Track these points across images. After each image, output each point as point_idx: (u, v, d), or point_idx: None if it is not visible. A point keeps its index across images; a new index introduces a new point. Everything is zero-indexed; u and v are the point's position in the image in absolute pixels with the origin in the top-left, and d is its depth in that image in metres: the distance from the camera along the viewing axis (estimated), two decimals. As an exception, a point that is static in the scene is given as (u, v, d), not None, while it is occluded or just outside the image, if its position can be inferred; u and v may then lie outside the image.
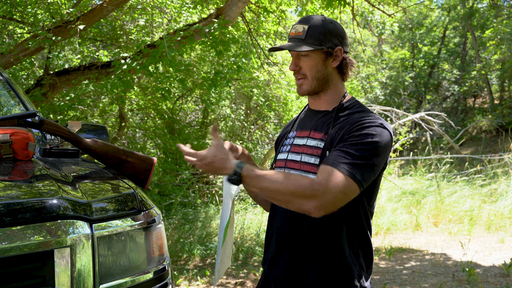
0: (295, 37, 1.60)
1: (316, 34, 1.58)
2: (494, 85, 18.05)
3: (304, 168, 1.57)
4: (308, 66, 1.60)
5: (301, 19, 1.64)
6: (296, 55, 1.62)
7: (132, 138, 8.75)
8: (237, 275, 4.81)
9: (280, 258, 1.60)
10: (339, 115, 1.59)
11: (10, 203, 1.32)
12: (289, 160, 1.63)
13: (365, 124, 1.48)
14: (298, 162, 1.59)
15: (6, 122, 1.79)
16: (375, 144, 1.45)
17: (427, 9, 18.27)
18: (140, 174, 1.94)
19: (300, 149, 1.61)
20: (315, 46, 1.57)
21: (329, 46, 1.59)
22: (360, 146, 1.44)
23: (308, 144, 1.59)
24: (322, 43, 1.58)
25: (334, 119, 1.57)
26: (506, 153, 9.53)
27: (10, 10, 5.82)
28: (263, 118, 9.84)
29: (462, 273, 4.74)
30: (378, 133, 1.46)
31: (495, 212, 7.01)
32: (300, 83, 1.63)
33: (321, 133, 1.58)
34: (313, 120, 1.65)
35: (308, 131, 1.63)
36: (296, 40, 1.60)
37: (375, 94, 17.53)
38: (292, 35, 1.62)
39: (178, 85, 7.67)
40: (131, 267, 1.48)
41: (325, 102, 1.64)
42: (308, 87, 1.62)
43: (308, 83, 1.62)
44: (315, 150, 1.56)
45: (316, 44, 1.57)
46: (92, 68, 5.52)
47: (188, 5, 6.49)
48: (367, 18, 10.35)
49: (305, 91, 1.63)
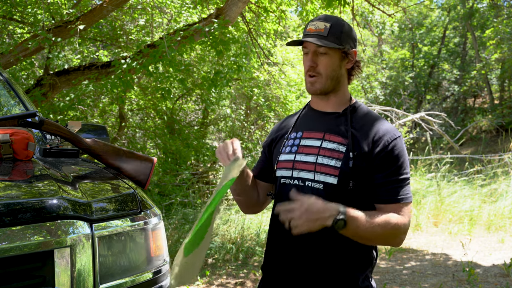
0: (316, 33, 1.58)
1: (337, 33, 1.57)
2: (494, 85, 18.04)
3: (321, 170, 1.55)
4: (325, 65, 1.59)
5: (321, 16, 1.62)
6: (314, 52, 1.59)
7: (132, 138, 8.75)
8: (237, 275, 4.81)
9: (288, 261, 1.59)
10: (352, 116, 1.61)
11: (10, 203, 1.32)
12: (298, 161, 1.60)
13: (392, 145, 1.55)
14: (313, 163, 1.57)
15: (6, 122, 1.79)
16: (404, 158, 1.57)
17: (427, 9, 18.27)
18: (140, 174, 1.94)
19: (312, 150, 1.59)
20: (336, 45, 1.57)
21: (348, 47, 1.60)
22: (400, 170, 1.55)
23: (326, 146, 1.57)
24: (342, 43, 1.58)
25: (350, 121, 1.59)
26: (506, 153, 9.53)
27: (10, 10, 5.81)
28: (263, 118, 9.83)
29: (462, 273, 4.74)
30: (402, 148, 1.57)
31: (495, 212, 7.01)
32: (314, 80, 1.61)
33: (339, 136, 1.58)
34: (322, 122, 1.63)
35: (321, 133, 1.61)
36: (318, 36, 1.57)
37: (375, 94, 17.52)
38: (312, 31, 1.59)
39: (178, 85, 7.67)
40: (131, 267, 1.48)
41: (334, 103, 1.64)
42: (322, 85, 1.61)
43: (321, 82, 1.60)
44: (335, 153, 1.55)
45: (337, 43, 1.57)
46: (92, 68, 5.52)
47: (188, 5, 6.49)
48: (367, 18, 10.34)
49: (318, 89, 1.61)
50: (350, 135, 1.56)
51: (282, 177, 1.64)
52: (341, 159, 1.54)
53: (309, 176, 1.57)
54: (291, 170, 1.62)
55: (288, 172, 1.62)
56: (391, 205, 1.52)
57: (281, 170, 1.65)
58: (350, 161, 1.53)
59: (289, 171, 1.62)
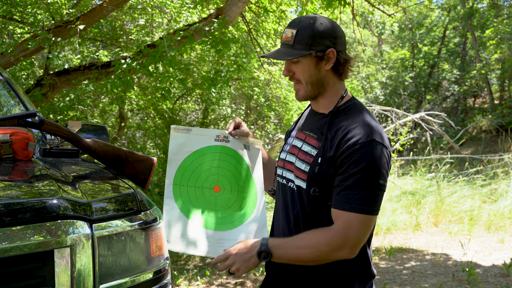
0: (285, 42, 1.55)
1: (304, 39, 1.51)
2: (494, 85, 18.04)
3: (297, 174, 1.56)
4: (301, 71, 1.55)
5: (291, 22, 1.57)
6: (288, 61, 1.57)
7: (132, 138, 8.75)
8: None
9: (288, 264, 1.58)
10: (334, 119, 1.54)
11: (10, 203, 1.32)
12: (286, 161, 1.64)
13: (357, 147, 1.42)
14: (293, 164, 1.59)
15: (6, 122, 1.78)
16: (372, 165, 1.41)
17: (427, 9, 18.27)
18: (140, 174, 1.94)
19: (296, 151, 1.60)
20: (303, 52, 1.50)
21: (319, 49, 1.51)
22: (360, 174, 1.41)
23: (303, 149, 1.57)
24: (311, 47, 1.51)
25: (328, 124, 1.53)
26: (506, 153, 9.53)
27: (10, 10, 5.81)
28: (263, 118, 9.83)
29: (462, 273, 4.74)
30: (370, 153, 1.41)
31: (495, 212, 7.01)
32: (297, 88, 1.59)
33: (315, 139, 1.55)
34: (310, 123, 1.63)
35: (305, 134, 1.61)
36: (286, 46, 1.55)
37: (375, 94, 17.53)
38: (283, 39, 1.57)
39: (178, 85, 7.67)
40: (131, 267, 1.48)
41: (323, 105, 1.60)
42: (304, 92, 1.58)
43: (303, 89, 1.57)
44: (307, 156, 1.54)
45: (305, 49, 1.51)
46: (92, 68, 5.52)
47: (188, 5, 6.49)
48: (367, 18, 10.35)
49: (302, 96, 1.59)
50: (324, 139, 1.51)
51: (277, 174, 1.71)
52: (310, 163, 1.52)
53: (291, 177, 1.60)
54: (282, 169, 1.66)
55: (280, 171, 1.68)
56: (340, 212, 1.43)
57: (278, 169, 1.70)
58: (316, 166, 1.49)
59: (280, 169, 1.68)
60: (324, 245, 1.44)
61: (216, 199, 1.72)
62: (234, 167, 1.73)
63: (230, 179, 1.73)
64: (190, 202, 1.72)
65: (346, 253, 1.44)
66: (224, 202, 1.73)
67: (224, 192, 1.73)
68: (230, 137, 1.75)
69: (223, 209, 1.72)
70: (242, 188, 1.74)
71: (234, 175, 1.73)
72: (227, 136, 1.75)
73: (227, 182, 1.73)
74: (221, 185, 1.72)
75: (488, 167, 9.32)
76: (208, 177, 1.73)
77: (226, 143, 1.74)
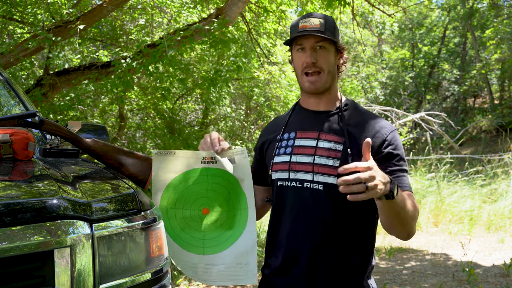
0: (314, 28, 1.54)
1: (331, 29, 1.58)
2: (494, 85, 18.05)
3: (319, 170, 1.53)
4: (325, 59, 1.57)
5: (311, 14, 1.60)
6: (312, 47, 1.56)
7: (132, 138, 8.75)
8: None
9: (294, 265, 1.56)
10: (344, 115, 1.59)
11: (10, 203, 1.32)
12: (294, 162, 1.58)
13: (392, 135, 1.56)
14: (310, 164, 1.54)
15: (6, 122, 1.78)
16: (402, 151, 1.58)
17: (427, 9, 18.26)
18: (140, 174, 1.94)
19: (308, 151, 1.56)
20: (334, 38, 1.57)
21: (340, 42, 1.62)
22: (401, 161, 1.55)
23: (322, 146, 1.55)
24: (336, 37, 1.58)
25: (342, 120, 1.58)
26: (506, 153, 9.53)
27: (10, 10, 5.81)
28: (263, 118, 9.84)
29: (462, 273, 4.74)
30: (400, 140, 1.59)
31: (495, 212, 7.01)
32: (314, 79, 1.58)
33: (335, 135, 1.56)
34: (315, 121, 1.61)
35: (316, 132, 1.58)
36: (315, 31, 1.54)
37: (375, 94, 17.52)
38: (307, 27, 1.55)
39: (178, 85, 7.67)
40: (131, 267, 1.48)
41: (326, 102, 1.62)
42: (323, 84, 1.59)
43: (323, 78, 1.58)
44: (332, 152, 1.54)
45: (333, 37, 1.57)
46: (92, 68, 5.53)
47: (188, 5, 6.49)
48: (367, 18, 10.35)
49: (320, 87, 1.59)
50: (346, 132, 1.54)
51: (279, 179, 1.61)
52: (339, 158, 1.52)
53: (307, 177, 1.54)
54: (287, 172, 1.59)
55: (285, 174, 1.59)
56: (408, 193, 1.51)
57: (276, 173, 1.62)
58: (348, 158, 1.51)
59: (285, 173, 1.59)
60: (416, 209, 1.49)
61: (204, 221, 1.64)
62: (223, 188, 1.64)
63: (218, 200, 1.64)
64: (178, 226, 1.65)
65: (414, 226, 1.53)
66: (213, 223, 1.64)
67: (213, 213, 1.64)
68: (217, 156, 1.64)
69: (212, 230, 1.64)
70: (232, 206, 1.65)
71: (223, 195, 1.64)
72: (214, 157, 1.65)
73: (215, 203, 1.64)
74: (209, 207, 1.64)
75: (488, 167, 9.33)
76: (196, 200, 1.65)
77: (214, 164, 1.64)
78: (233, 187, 1.64)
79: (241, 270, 1.62)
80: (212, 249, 1.64)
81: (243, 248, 1.63)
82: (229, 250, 1.63)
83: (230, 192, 1.64)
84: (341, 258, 1.53)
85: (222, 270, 1.63)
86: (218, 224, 1.64)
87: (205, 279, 1.64)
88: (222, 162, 1.64)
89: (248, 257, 1.63)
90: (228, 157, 1.65)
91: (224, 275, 1.63)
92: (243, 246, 1.63)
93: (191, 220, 1.65)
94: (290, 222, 1.58)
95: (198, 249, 1.65)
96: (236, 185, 1.64)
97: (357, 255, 1.55)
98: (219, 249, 1.64)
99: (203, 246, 1.65)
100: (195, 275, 1.64)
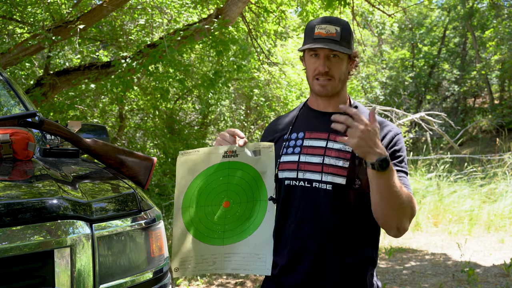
0: (329, 37, 1.57)
1: (347, 37, 1.60)
2: (494, 85, 18.05)
3: (328, 171, 1.55)
4: (338, 68, 1.60)
5: (327, 19, 1.61)
6: (326, 56, 1.58)
7: (132, 138, 8.75)
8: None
9: (299, 264, 1.57)
10: None
11: (10, 203, 1.32)
12: (303, 162, 1.59)
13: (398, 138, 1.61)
14: (319, 164, 1.56)
15: (6, 122, 1.78)
16: (405, 154, 1.63)
17: (427, 9, 18.27)
18: (140, 174, 1.94)
19: (317, 151, 1.58)
20: (348, 50, 1.59)
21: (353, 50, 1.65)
22: (403, 163, 1.59)
23: (332, 146, 1.57)
24: (350, 46, 1.61)
25: None
26: (506, 153, 9.53)
27: (10, 10, 5.81)
28: (263, 118, 9.84)
29: (462, 273, 4.74)
30: (403, 143, 1.64)
31: (495, 212, 7.01)
32: (325, 84, 1.60)
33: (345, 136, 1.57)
34: (325, 122, 1.59)
35: (326, 133, 1.60)
36: (331, 41, 1.56)
37: (375, 94, 17.51)
38: (323, 35, 1.57)
39: (178, 85, 7.67)
40: (131, 267, 1.48)
41: (335, 103, 1.64)
42: (333, 88, 1.61)
43: (334, 85, 1.61)
44: (342, 153, 1.56)
45: (348, 47, 1.59)
46: (92, 68, 5.53)
47: (188, 5, 6.49)
48: (367, 18, 10.35)
49: (330, 92, 1.62)
50: None
51: (286, 178, 1.62)
52: (348, 159, 1.54)
53: (316, 177, 1.56)
54: (295, 171, 1.60)
55: (293, 174, 1.60)
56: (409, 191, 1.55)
57: (284, 172, 1.63)
58: (357, 159, 1.53)
59: (293, 172, 1.60)
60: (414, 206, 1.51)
61: (226, 214, 1.69)
62: (244, 180, 1.68)
63: (239, 192, 1.69)
64: (200, 223, 1.69)
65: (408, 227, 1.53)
66: (234, 214, 1.69)
67: (234, 205, 1.69)
68: (239, 149, 1.67)
69: (233, 221, 1.69)
70: (252, 197, 1.69)
71: (243, 188, 1.69)
72: (235, 150, 1.68)
73: (236, 196, 1.69)
74: (230, 199, 1.69)
75: (487, 167, 9.33)
76: (217, 195, 1.69)
77: (235, 157, 1.68)
78: (254, 179, 1.68)
79: (259, 261, 1.66)
80: (231, 239, 1.69)
81: (261, 238, 1.67)
82: (247, 239, 1.68)
83: (250, 184, 1.69)
84: (347, 258, 1.54)
85: (241, 259, 1.67)
86: (238, 215, 1.69)
87: (224, 268, 1.68)
88: (244, 154, 1.68)
89: (265, 248, 1.66)
90: (253, 149, 1.69)
91: (243, 263, 1.68)
92: (260, 236, 1.67)
93: (213, 215, 1.69)
94: (296, 221, 1.60)
95: (218, 240, 1.69)
96: (257, 177, 1.68)
97: (362, 254, 1.57)
98: (238, 238, 1.68)
99: (222, 237, 1.69)
100: (213, 266, 1.69)
